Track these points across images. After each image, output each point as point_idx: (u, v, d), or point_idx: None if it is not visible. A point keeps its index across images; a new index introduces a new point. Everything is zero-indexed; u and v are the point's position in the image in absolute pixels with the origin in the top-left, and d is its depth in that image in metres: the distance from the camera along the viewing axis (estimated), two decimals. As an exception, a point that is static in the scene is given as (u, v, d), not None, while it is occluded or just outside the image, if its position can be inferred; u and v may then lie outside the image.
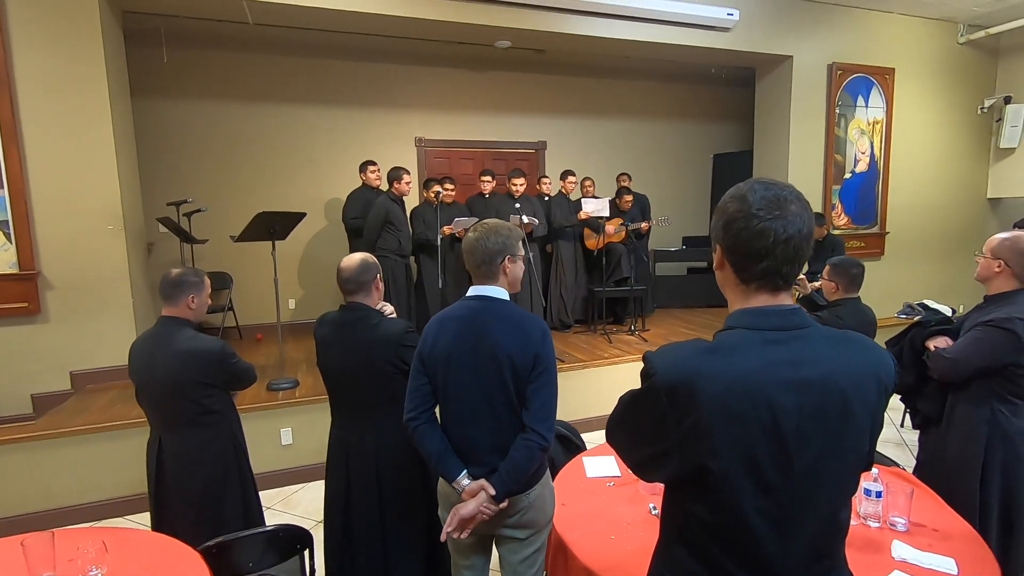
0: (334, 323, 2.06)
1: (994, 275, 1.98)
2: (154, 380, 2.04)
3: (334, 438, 2.13)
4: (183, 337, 2.04)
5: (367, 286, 2.02)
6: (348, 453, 2.06)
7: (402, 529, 2.03)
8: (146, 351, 2.07)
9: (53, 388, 3.77)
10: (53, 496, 3.15)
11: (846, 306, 2.53)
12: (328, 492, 2.14)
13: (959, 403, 2.02)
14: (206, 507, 2.08)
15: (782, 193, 0.87)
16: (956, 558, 1.48)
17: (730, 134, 7.62)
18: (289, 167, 5.82)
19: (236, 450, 2.19)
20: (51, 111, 3.62)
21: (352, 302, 2.03)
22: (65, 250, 3.72)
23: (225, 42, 5.45)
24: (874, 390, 0.89)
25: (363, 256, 2.04)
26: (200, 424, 2.08)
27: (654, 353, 0.90)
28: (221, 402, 2.13)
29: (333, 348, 2.04)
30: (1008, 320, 1.86)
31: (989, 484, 1.95)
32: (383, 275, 2.16)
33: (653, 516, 1.73)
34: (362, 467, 2.03)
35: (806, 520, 0.87)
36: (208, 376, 2.05)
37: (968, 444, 1.98)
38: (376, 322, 2.00)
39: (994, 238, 2.01)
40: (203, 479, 2.08)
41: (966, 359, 1.94)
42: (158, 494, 2.12)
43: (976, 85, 6.34)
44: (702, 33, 5.11)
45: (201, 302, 2.14)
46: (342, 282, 2.01)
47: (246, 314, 5.57)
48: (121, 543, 1.67)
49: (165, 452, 2.09)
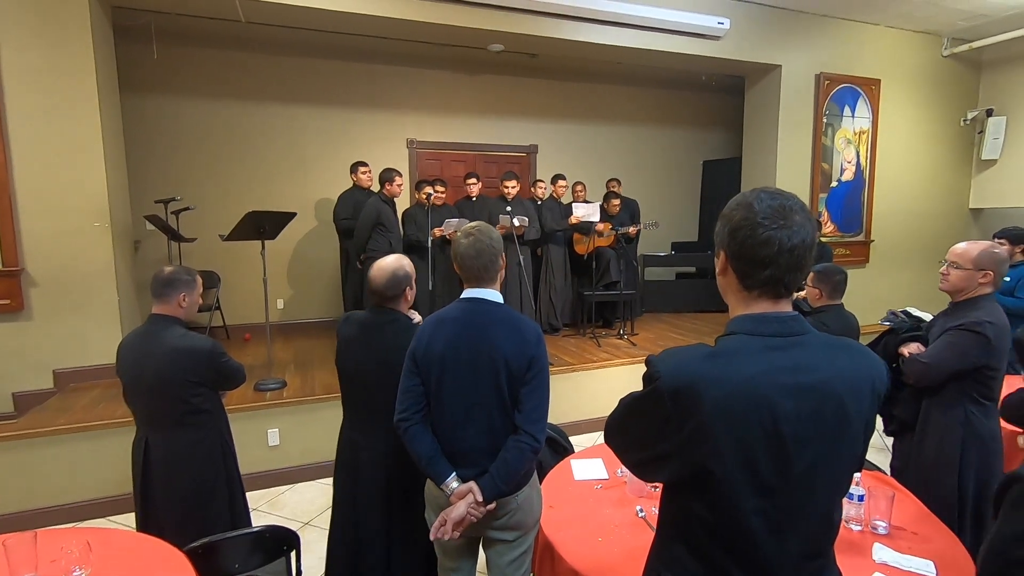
0: (361, 323, 2.04)
1: (977, 285, 2.01)
2: (143, 378, 2.02)
3: (345, 438, 2.12)
4: (173, 335, 2.03)
5: (397, 300, 2.00)
6: (359, 454, 2.05)
7: (407, 530, 2.02)
8: (135, 349, 2.05)
9: (36, 387, 3.72)
10: (35, 496, 3.10)
11: (830, 313, 2.57)
12: (336, 490, 2.13)
13: (934, 407, 2.08)
14: (192, 508, 2.06)
15: (787, 203, 0.90)
16: (935, 560, 1.51)
17: (720, 141, 7.70)
18: (280, 166, 5.79)
19: (224, 451, 2.17)
20: (37, 105, 3.58)
21: (383, 306, 2.01)
22: (50, 247, 3.67)
23: (217, 40, 5.42)
24: (868, 395, 0.92)
25: (394, 268, 1.97)
26: (188, 424, 2.06)
27: (658, 357, 0.92)
28: (210, 402, 2.11)
29: (355, 348, 2.02)
30: (979, 324, 1.93)
31: (965, 486, 2.01)
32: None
33: (640, 519, 1.75)
34: (372, 469, 2.02)
35: (802, 521, 0.90)
36: (198, 375, 2.04)
37: (944, 446, 2.03)
38: (404, 326, 1.99)
39: (971, 249, 2.03)
40: (190, 480, 2.06)
41: (940, 363, 2.00)
42: (144, 494, 2.10)
43: (959, 97, 6.47)
44: (693, 41, 5.17)
45: (192, 301, 2.13)
46: (371, 292, 1.99)
47: (234, 314, 5.53)
48: (105, 543, 1.65)
49: (152, 452, 2.06)
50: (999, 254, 2.02)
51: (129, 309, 4.06)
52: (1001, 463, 2.08)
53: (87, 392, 3.67)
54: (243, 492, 2.28)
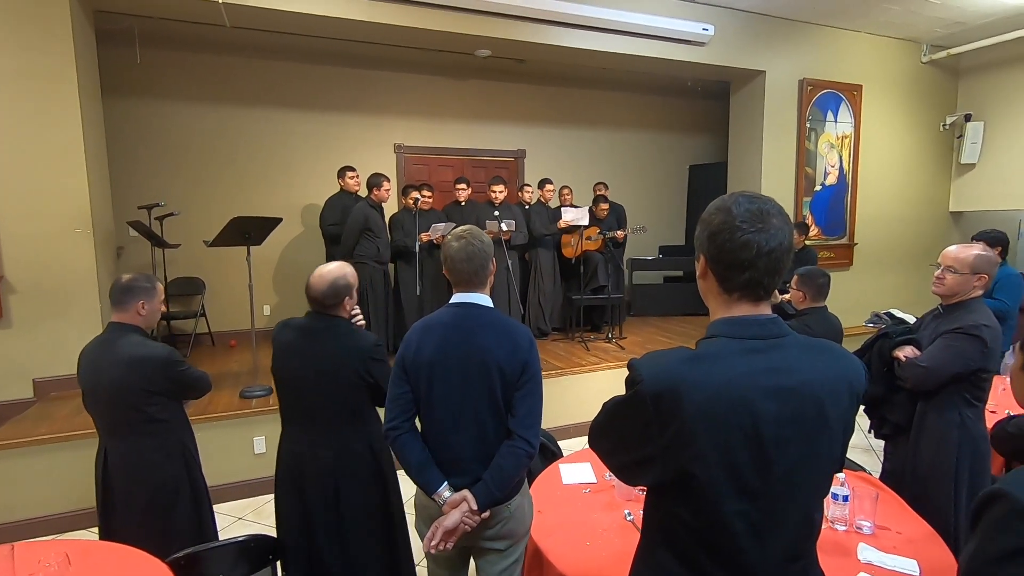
0: (300, 329, 1.98)
1: (972, 288, 2.01)
2: (99, 387, 1.98)
3: (285, 452, 2.02)
4: (129, 343, 1.98)
5: (336, 308, 1.96)
6: (303, 468, 1.95)
7: (366, 546, 1.96)
8: (93, 357, 2.01)
9: (15, 396, 3.64)
10: (14, 508, 3.03)
11: (813, 315, 2.60)
12: (281, 512, 2.02)
13: (930, 411, 2.07)
14: (153, 518, 2.00)
15: (765, 207, 0.91)
16: (918, 559, 1.53)
17: (705, 146, 7.77)
18: (266, 171, 5.75)
19: (187, 460, 2.10)
20: (17, 108, 3.52)
21: (319, 312, 1.98)
22: (30, 253, 3.61)
23: (201, 44, 5.38)
24: (846, 396, 0.92)
25: (334, 276, 1.93)
26: (145, 433, 2.00)
27: (640, 361, 0.92)
28: (168, 411, 2.05)
29: (294, 355, 1.96)
30: (976, 327, 1.94)
31: (960, 488, 2.02)
32: (361, 282, 2.12)
33: (628, 522, 1.75)
34: (320, 483, 1.93)
35: (784, 523, 0.90)
36: (153, 384, 1.98)
37: (941, 450, 2.03)
38: (345, 332, 1.95)
39: (965, 254, 2.02)
40: (149, 489, 2.00)
41: (940, 367, 1.99)
42: (104, 504, 2.05)
43: (938, 103, 6.60)
44: (678, 47, 5.22)
45: (152, 308, 2.08)
46: (309, 298, 1.95)
47: (219, 320, 5.47)
48: (85, 555, 1.62)
49: (110, 461, 2.02)
50: (992, 257, 2.03)
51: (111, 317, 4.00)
52: (989, 464, 2.11)
53: (68, 401, 3.60)
54: (210, 503, 2.21)
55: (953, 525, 1.97)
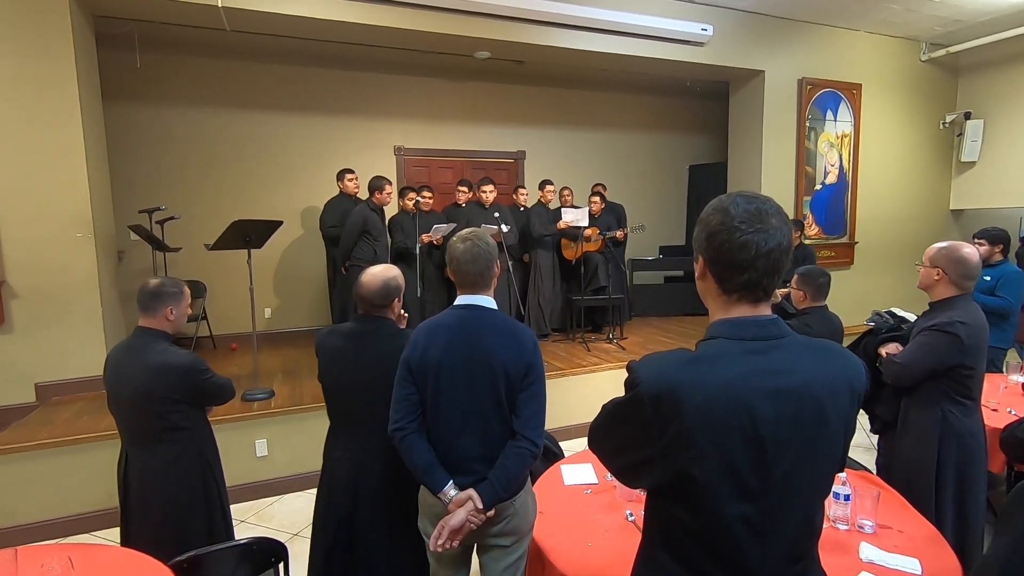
0: (348, 335, 1.94)
1: (934, 283, 2.09)
2: (122, 393, 1.99)
3: (336, 460, 1.96)
4: (154, 351, 1.98)
5: (385, 309, 1.94)
6: (357, 476, 1.90)
7: (406, 547, 1.94)
8: (119, 362, 2.02)
9: (17, 400, 3.64)
10: (16, 513, 3.04)
11: (814, 314, 2.60)
12: (327, 517, 1.96)
13: (912, 407, 2.12)
14: (167, 526, 2.01)
15: (763, 207, 0.90)
16: (920, 558, 1.53)
17: (705, 146, 7.77)
18: (266, 175, 5.76)
19: (204, 468, 2.10)
20: (17, 113, 3.53)
21: (368, 314, 1.94)
22: (31, 257, 3.61)
23: (201, 48, 5.39)
24: (847, 397, 0.92)
25: (387, 277, 1.91)
26: (166, 440, 2.01)
27: (638, 363, 0.92)
28: (190, 418, 2.06)
29: (344, 362, 1.91)
30: (950, 324, 1.97)
31: (944, 483, 2.04)
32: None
33: (630, 523, 1.75)
34: (372, 489, 1.90)
35: (784, 524, 0.90)
36: (176, 392, 1.98)
37: (921, 445, 2.07)
38: (395, 332, 1.92)
39: (932, 248, 2.12)
40: (165, 497, 2.01)
41: (914, 363, 2.04)
42: (125, 509, 2.06)
43: (938, 101, 6.59)
44: (677, 47, 5.22)
45: (180, 313, 2.08)
46: (360, 299, 1.92)
47: (221, 323, 5.48)
48: (88, 559, 1.62)
49: (131, 466, 2.03)
50: (953, 254, 2.04)
51: (113, 321, 4.01)
52: (984, 460, 2.11)
53: (70, 405, 3.60)
54: (227, 511, 2.21)
55: (937, 520, 1.97)
